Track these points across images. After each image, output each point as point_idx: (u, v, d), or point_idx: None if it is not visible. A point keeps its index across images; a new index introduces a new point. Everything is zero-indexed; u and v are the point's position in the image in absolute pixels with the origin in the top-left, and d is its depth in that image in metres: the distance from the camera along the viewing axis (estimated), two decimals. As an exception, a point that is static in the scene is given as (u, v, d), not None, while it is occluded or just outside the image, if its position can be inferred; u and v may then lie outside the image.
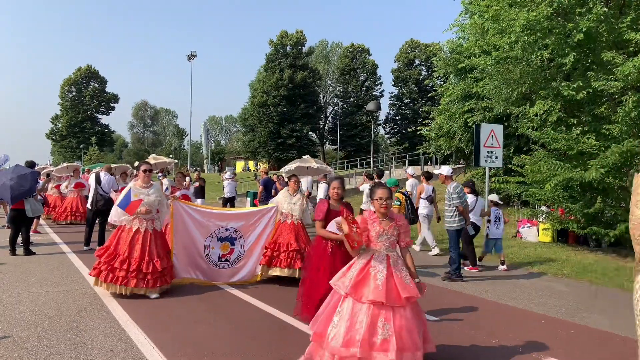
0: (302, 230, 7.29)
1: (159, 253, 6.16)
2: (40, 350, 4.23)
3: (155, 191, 6.25)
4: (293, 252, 6.93)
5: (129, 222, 6.13)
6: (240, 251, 7.12)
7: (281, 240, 7.05)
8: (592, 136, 9.97)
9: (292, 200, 7.29)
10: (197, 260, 6.86)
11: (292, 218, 7.20)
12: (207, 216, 6.97)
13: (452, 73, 17.18)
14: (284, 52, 54.15)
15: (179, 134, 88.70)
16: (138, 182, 6.27)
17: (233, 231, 7.07)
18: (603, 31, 9.69)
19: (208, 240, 6.95)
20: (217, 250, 6.99)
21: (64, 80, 66.50)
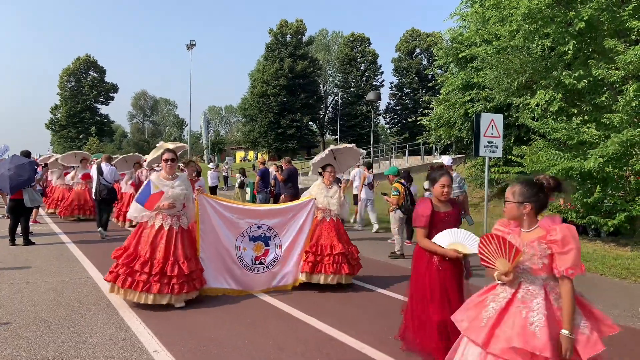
0: (342, 228, 6.49)
1: (185, 254, 5.33)
2: (40, 340, 4.25)
3: (181, 183, 5.42)
4: (339, 255, 6.11)
5: (151, 219, 5.34)
6: (276, 252, 6.17)
7: (323, 241, 6.22)
8: (592, 126, 9.93)
9: (329, 193, 6.40)
10: (228, 264, 5.90)
11: (330, 214, 6.37)
12: (237, 212, 5.99)
13: (453, 63, 17.04)
14: (283, 41, 53.80)
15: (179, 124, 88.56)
16: (161, 172, 5.52)
17: (267, 229, 6.14)
18: (605, 19, 9.60)
19: (239, 240, 6.00)
20: (250, 251, 6.04)
21: (63, 70, 66.17)
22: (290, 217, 6.25)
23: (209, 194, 5.94)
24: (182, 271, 5.21)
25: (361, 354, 4.12)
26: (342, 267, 6.09)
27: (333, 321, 4.96)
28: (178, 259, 5.25)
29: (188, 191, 5.51)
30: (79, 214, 13.07)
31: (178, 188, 5.37)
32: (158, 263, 5.16)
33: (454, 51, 16.18)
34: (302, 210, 6.33)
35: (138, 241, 5.31)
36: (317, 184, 6.53)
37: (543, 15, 9.82)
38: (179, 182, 5.42)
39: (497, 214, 15.04)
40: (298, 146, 53.17)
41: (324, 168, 6.60)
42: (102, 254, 8.38)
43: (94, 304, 5.35)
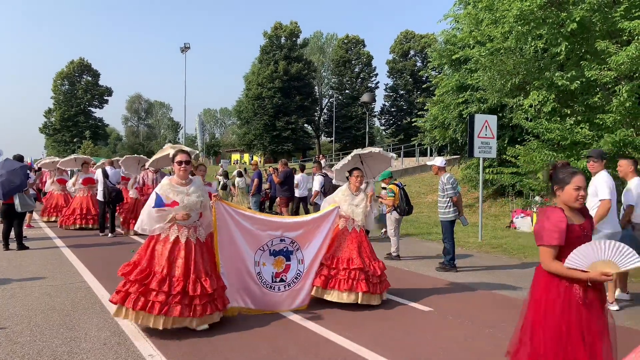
0: (365, 240, 5.82)
1: (206, 270, 4.66)
2: (33, 345, 4.22)
3: (197, 189, 4.72)
4: (355, 271, 5.44)
5: (164, 231, 4.62)
6: (298, 268, 5.52)
7: (340, 253, 5.59)
8: (586, 126, 10.01)
9: (354, 201, 5.76)
10: (245, 280, 5.23)
11: (354, 224, 5.75)
12: (257, 223, 5.32)
13: (447, 64, 17.14)
14: (278, 43, 53.85)
15: (174, 127, 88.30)
16: (173, 177, 4.78)
17: (289, 243, 5.47)
18: (597, 20, 9.68)
19: (258, 255, 5.32)
20: (270, 267, 5.40)
21: (57, 74, 65.90)
22: (313, 229, 5.58)
23: (227, 202, 5.28)
24: (204, 290, 4.50)
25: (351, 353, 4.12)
26: (359, 285, 5.38)
27: (337, 327, 4.92)
28: (199, 276, 4.55)
29: (205, 198, 4.81)
30: (81, 223, 11.94)
31: (194, 195, 4.66)
32: (178, 281, 4.43)
33: (447, 53, 16.26)
34: (326, 220, 5.65)
35: (152, 256, 4.55)
36: (343, 189, 5.90)
37: (535, 17, 9.89)
38: (194, 187, 4.71)
39: (491, 214, 15.10)
40: (293, 148, 53.21)
41: (351, 172, 5.96)
42: (96, 258, 8.37)
43: (88, 309, 5.32)
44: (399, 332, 4.81)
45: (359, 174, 5.89)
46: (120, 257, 8.48)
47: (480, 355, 4.21)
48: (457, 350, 4.32)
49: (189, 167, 4.77)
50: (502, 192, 16.37)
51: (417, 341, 4.55)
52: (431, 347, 4.36)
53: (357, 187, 5.83)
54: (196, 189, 4.72)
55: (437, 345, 4.42)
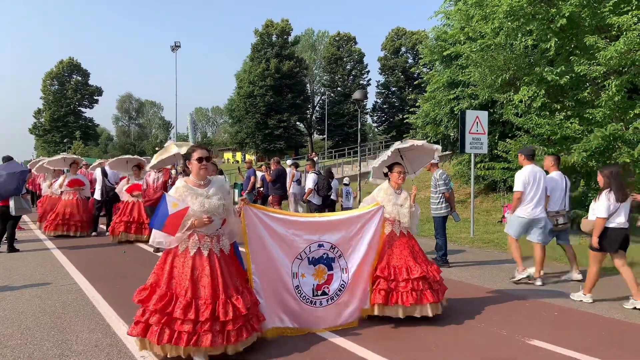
0: (416, 243, 5.21)
1: (236, 286, 4.00)
2: (24, 348, 4.18)
3: (218, 190, 4.04)
4: (418, 280, 4.79)
5: (183, 242, 3.94)
6: (342, 278, 4.77)
7: (396, 262, 4.91)
8: (576, 121, 10.08)
9: (398, 200, 5.14)
10: (282, 296, 4.52)
11: (400, 226, 5.10)
12: (292, 227, 4.59)
13: (438, 60, 17.17)
14: (269, 41, 53.68)
15: (165, 126, 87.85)
16: (189, 178, 4.09)
17: (329, 248, 4.73)
18: (586, 16, 9.73)
19: (296, 265, 4.59)
20: (310, 278, 4.65)
21: (46, 74, 65.24)
22: (355, 231, 4.85)
23: (256, 205, 4.58)
24: (237, 311, 3.85)
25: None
26: (424, 295, 4.78)
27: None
28: (230, 295, 3.89)
29: (227, 201, 4.13)
30: (63, 230, 10.76)
31: (215, 198, 3.98)
32: (205, 304, 3.77)
33: (439, 49, 16.29)
34: (370, 221, 4.92)
35: (170, 276, 3.87)
36: (384, 187, 5.23)
37: (525, 13, 9.93)
38: (214, 189, 4.03)
39: (483, 209, 15.18)
40: (286, 146, 53.12)
41: (391, 168, 5.31)
42: (87, 260, 8.31)
43: (80, 311, 5.28)
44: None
45: (401, 169, 5.25)
46: (111, 258, 8.46)
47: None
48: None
49: (209, 165, 4.14)
50: (493, 187, 16.48)
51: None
52: (422, 341, 4.36)
53: (400, 185, 5.23)
54: (217, 191, 4.04)
55: (429, 339, 4.42)
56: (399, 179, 5.19)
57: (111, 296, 5.80)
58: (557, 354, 4.13)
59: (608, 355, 4.10)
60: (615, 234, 5.46)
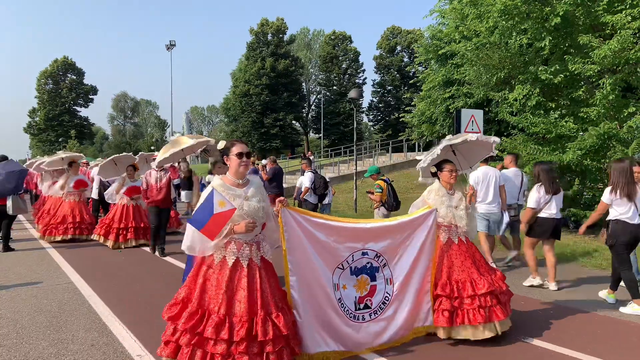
0: (477, 252, 4.60)
1: (276, 302, 3.50)
2: (20, 347, 4.18)
3: (256, 191, 3.56)
4: (486, 296, 4.21)
5: (219, 250, 3.45)
6: (386, 290, 4.21)
7: (458, 275, 4.32)
8: (570, 119, 10.13)
9: (452, 202, 4.52)
10: (325, 311, 3.90)
11: (457, 232, 4.50)
12: (334, 233, 4.03)
13: (433, 59, 17.23)
14: (265, 40, 53.64)
15: (161, 125, 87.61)
16: (226, 176, 3.58)
17: (374, 257, 4.18)
18: (580, 14, 9.79)
19: (337, 275, 4.02)
20: (351, 290, 4.09)
21: (40, 73, 64.87)
22: (403, 238, 4.29)
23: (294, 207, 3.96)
24: (278, 330, 3.35)
25: None
26: (494, 312, 4.21)
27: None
28: (269, 312, 3.40)
29: (267, 203, 3.63)
30: (74, 233, 9.97)
31: (254, 200, 3.50)
32: (241, 322, 3.29)
33: (434, 48, 16.35)
34: (421, 226, 4.33)
35: (203, 289, 3.41)
36: (435, 188, 4.59)
37: (519, 12, 9.97)
38: (253, 189, 3.54)
39: (479, 208, 15.21)
40: (282, 145, 53.13)
41: (440, 167, 4.64)
42: (83, 259, 8.29)
43: (76, 310, 5.27)
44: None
45: (452, 167, 4.59)
46: (107, 257, 8.44)
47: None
48: None
49: (249, 162, 3.62)
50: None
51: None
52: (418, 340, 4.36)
53: (452, 185, 4.60)
54: (256, 192, 3.55)
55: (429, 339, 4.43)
56: (450, 178, 4.54)
57: (107, 295, 5.79)
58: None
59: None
60: (546, 222, 6.09)
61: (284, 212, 3.78)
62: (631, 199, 5.31)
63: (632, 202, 5.32)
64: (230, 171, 3.57)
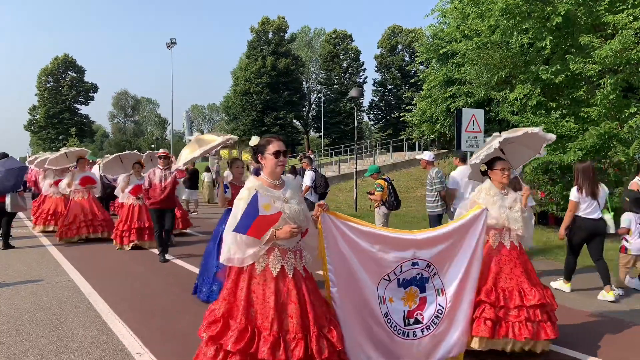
0: (529, 261, 4.19)
1: (326, 315, 3.18)
2: (20, 344, 4.18)
3: (294, 193, 3.23)
4: (535, 309, 3.84)
5: (260, 259, 3.06)
6: (438, 302, 3.74)
7: (505, 283, 3.93)
8: (571, 119, 10.13)
9: (505, 202, 4.11)
10: (371, 328, 3.50)
11: (510, 236, 4.09)
12: (378, 241, 3.56)
13: (434, 58, 17.20)
14: (265, 38, 53.61)
15: (161, 123, 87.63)
16: (262, 177, 3.22)
17: (425, 267, 3.70)
18: (581, 14, 9.78)
19: (382, 287, 3.57)
20: (399, 304, 3.64)
21: (41, 70, 64.88)
22: (453, 242, 3.82)
23: (334, 212, 3.52)
24: (332, 346, 3.04)
25: None
26: (543, 329, 3.83)
27: None
28: (322, 326, 3.06)
29: (305, 206, 3.31)
30: (88, 232, 9.73)
31: (293, 202, 3.16)
32: (296, 340, 2.93)
33: (435, 47, 16.32)
34: (472, 228, 3.86)
35: (248, 303, 2.99)
36: (485, 187, 4.21)
37: (520, 11, 9.97)
38: (290, 191, 3.21)
39: (479, 208, 15.21)
40: (283, 144, 53.11)
41: (491, 165, 4.25)
42: (83, 256, 8.30)
43: (76, 307, 5.27)
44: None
45: (504, 165, 4.17)
46: (107, 255, 8.44)
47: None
48: None
49: (286, 162, 3.28)
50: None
51: None
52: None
53: (505, 184, 4.19)
54: (294, 194, 3.22)
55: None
56: (503, 177, 4.14)
57: (107, 293, 5.79)
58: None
59: None
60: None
61: (324, 218, 3.39)
62: (595, 197, 5.79)
63: (595, 200, 5.79)
64: (266, 171, 3.22)
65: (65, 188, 10.11)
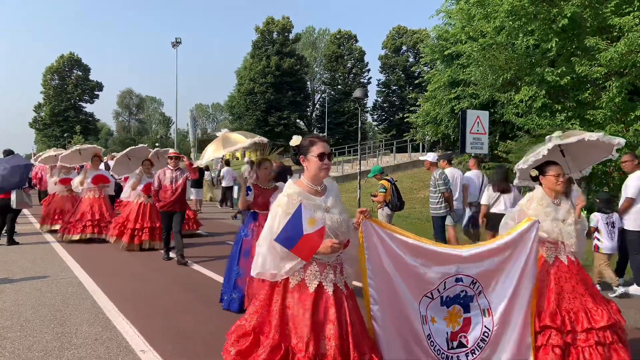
0: (588, 276, 3.80)
1: (368, 340, 2.89)
2: (24, 340, 4.20)
3: (336, 201, 2.92)
4: (604, 331, 3.43)
5: (297, 273, 2.78)
6: (484, 323, 3.34)
7: (569, 304, 3.50)
8: (577, 122, 10.11)
9: (559, 214, 3.67)
10: (412, 349, 3.12)
11: (565, 251, 3.65)
12: (422, 255, 3.20)
13: (439, 60, 17.19)
14: (270, 38, 53.66)
15: (165, 122, 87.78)
16: (300, 181, 2.92)
17: (470, 284, 3.32)
18: (587, 16, 9.75)
19: (424, 305, 3.20)
20: (442, 324, 3.26)
21: (47, 68, 65.15)
22: (503, 259, 3.38)
23: (376, 219, 3.18)
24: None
25: None
26: (615, 352, 3.42)
27: None
28: (363, 353, 2.75)
29: (348, 215, 2.98)
30: (92, 232, 9.40)
31: (335, 210, 2.86)
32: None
33: (440, 48, 16.31)
34: (522, 243, 3.40)
35: (283, 319, 2.73)
36: (537, 196, 3.73)
37: (526, 12, 9.96)
38: (332, 198, 2.91)
39: (483, 209, 15.18)
40: (286, 144, 52.96)
41: (543, 170, 3.75)
42: (87, 253, 8.32)
43: (80, 304, 5.29)
44: None
45: (559, 171, 3.68)
46: (111, 252, 8.47)
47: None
48: None
49: (330, 165, 2.94)
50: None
51: None
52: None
53: (558, 193, 3.73)
54: (335, 201, 2.91)
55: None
56: (557, 184, 3.66)
57: (111, 290, 5.81)
58: None
59: None
60: (495, 217, 6.89)
61: (365, 226, 3.04)
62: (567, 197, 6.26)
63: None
64: (307, 175, 2.89)
65: (78, 186, 9.88)
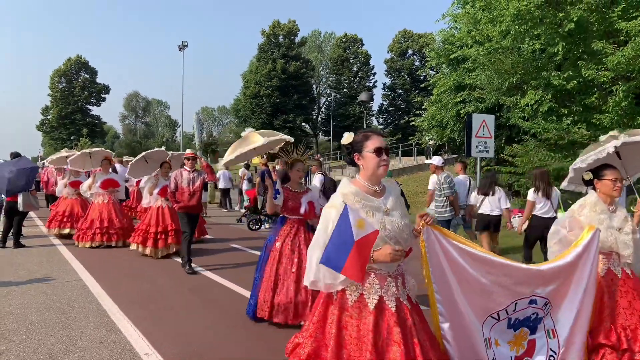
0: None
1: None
2: (29, 343, 4.21)
3: (397, 203, 2.56)
4: None
5: (352, 287, 2.44)
6: (550, 345, 3.01)
7: (625, 320, 3.27)
8: (583, 126, 10.06)
9: (614, 222, 3.38)
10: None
11: (620, 262, 3.40)
12: (492, 270, 2.81)
13: (445, 63, 17.16)
14: (276, 42, 53.79)
15: (171, 125, 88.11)
16: (358, 180, 2.58)
17: (542, 305, 2.95)
18: (594, 21, 9.71)
19: (487, 326, 2.83)
20: (505, 347, 2.91)
21: (54, 71, 65.60)
22: (570, 275, 3.04)
23: (439, 227, 2.79)
24: None
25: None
26: None
27: None
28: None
29: (409, 221, 2.59)
30: (101, 240, 9.12)
31: (396, 214, 2.50)
32: None
33: (445, 52, 16.29)
34: (585, 255, 3.07)
35: (339, 343, 2.40)
36: (591, 202, 3.41)
37: (532, 16, 9.93)
38: (392, 200, 2.55)
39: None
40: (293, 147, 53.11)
41: (599, 173, 3.46)
42: (93, 256, 8.34)
43: (85, 307, 5.31)
44: None
45: (617, 175, 3.38)
46: (117, 255, 8.49)
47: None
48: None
49: (389, 161, 2.63)
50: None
51: None
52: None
53: (614, 199, 3.42)
54: (396, 203, 2.55)
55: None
56: (614, 190, 3.35)
57: (116, 293, 5.83)
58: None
59: None
60: (482, 217, 7.51)
61: (427, 233, 2.67)
62: (549, 198, 6.68)
63: (549, 200, 6.68)
64: (364, 174, 2.55)
65: (87, 191, 9.67)
